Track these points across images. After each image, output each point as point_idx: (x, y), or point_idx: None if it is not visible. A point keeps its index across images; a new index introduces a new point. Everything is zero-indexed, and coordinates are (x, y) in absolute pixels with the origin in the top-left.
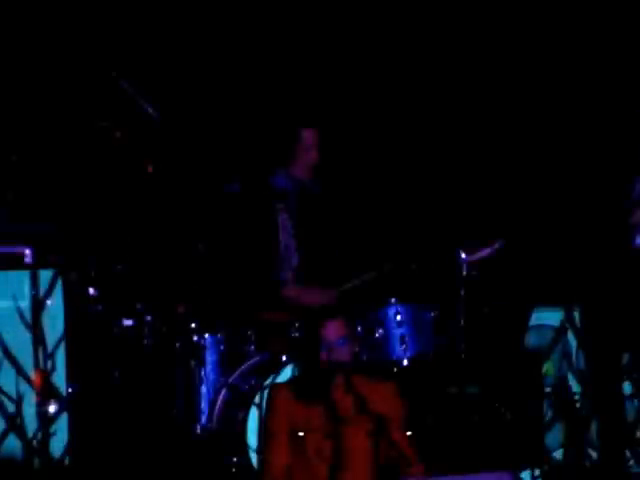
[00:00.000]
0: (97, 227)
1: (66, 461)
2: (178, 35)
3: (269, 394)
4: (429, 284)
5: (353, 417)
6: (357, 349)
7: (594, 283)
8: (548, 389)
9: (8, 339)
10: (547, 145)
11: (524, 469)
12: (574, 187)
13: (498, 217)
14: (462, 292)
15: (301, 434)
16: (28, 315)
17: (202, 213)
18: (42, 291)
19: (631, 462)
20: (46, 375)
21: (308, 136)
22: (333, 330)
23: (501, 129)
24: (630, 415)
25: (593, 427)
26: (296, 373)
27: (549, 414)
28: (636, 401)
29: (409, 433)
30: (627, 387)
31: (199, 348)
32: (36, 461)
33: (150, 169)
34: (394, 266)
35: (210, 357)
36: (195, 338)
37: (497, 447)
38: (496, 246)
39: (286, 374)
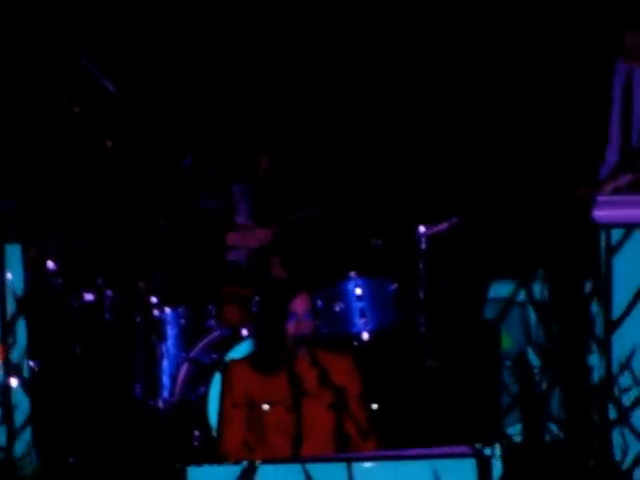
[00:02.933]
0: (57, 202)
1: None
2: (137, 10)
3: (226, 370)
4: (388, 258)
5: (315, 390)
6: (318, 322)
7: (553, 257)
8: (507, 362)
9: None
10: (504, 120)
11: (482, 444)
12: (532, 160)
13: (456, 191)
14: (421, 265)
15: (265, 407)
16: None
17: (161, 188)
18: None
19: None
20: (7, 349)
21: (265, 163)
22: (300, 303)
23: (459, 105)
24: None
25: (554, 402)
26: (254, 347)
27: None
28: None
29: (374, 406)
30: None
31: (160, 322)
32: None
33: (109, 144)
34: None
35: (171, 331)
36: (156, 312)
37: (456, 421)
38: (454, 220)
39: (245, 348)
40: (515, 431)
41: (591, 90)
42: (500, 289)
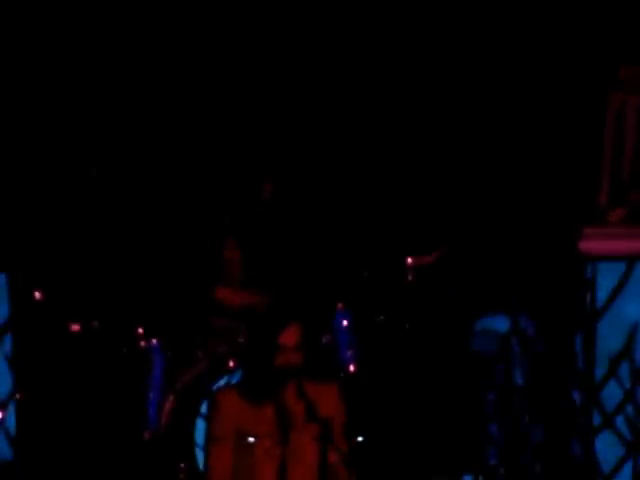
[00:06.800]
0: (43, 231)
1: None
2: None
3: (214, 398)
4: (376, 289)
5: (302, 422)
6: (307, 353)
7: (541, 290)
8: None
9: None
10: (495, 151)
11: (464, 475)
12: (521, 192)
13: (444, 222)
14: (408, 298)
15: (251, 439)
16: None
17: (150, 221)
18: None
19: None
20: None
21: (267, 189)
22: (289, 335)
23: (450, 134)
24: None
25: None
26: (243, 377)
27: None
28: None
29: (359, 438)
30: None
31: (146, 353)
32: None
33: (94, 172)
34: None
35: (157, 362)
36: (142, 343)
37: (438, 453)
38: (442, 252)
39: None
40: (497, 462)
41: (584, 122)
42: (488, 322)
